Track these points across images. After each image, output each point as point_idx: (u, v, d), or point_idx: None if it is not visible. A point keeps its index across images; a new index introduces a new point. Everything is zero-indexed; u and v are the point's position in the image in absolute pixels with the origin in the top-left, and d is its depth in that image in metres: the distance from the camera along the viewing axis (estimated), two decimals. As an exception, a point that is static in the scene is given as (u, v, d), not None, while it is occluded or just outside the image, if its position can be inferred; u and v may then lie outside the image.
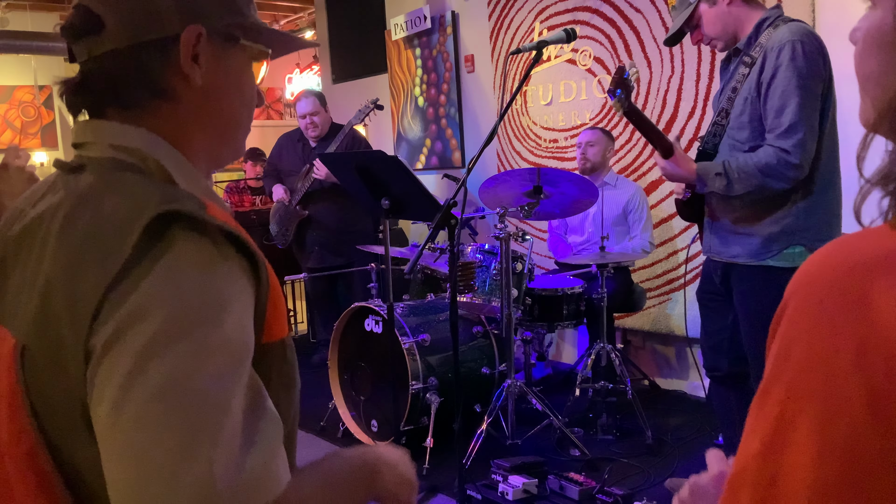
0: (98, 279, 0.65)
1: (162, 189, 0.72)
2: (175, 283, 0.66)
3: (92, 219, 0.69)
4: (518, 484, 2.77)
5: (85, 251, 0.67)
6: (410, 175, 2.72)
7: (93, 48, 0.76)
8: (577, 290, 3.59)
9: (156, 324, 0.64)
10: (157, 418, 0.62)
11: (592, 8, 4.26)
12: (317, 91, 4.53)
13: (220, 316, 0.67)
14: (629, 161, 4.17)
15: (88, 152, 0.77)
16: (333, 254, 4.45)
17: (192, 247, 0.68)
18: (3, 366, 0.70)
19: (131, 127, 0.77)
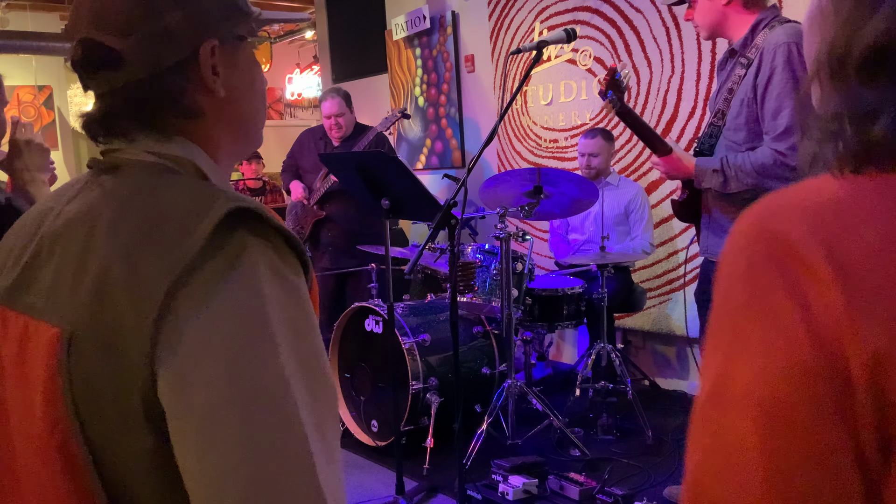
0: (165, 267, 0.65)
1: (221, 189, 0.73)
2: (254, 290, 0.66)
3: (149, 211, 0.70)
4: (518, 484, 2.77)
5: (147, 244, 0.67)
6: (410, 175, 2.72)
7: (113, 81, 0.76)
8: (578, 290, 3.59)
9: (245, 330, 0.64)
10: (252, 436, 0.62)
11: (592, 8, 4.26)
12: (343, 91, 4.47)
13: (307, 320, 0.69)
14: (629, 161, 4.17)
15: (123, 155, 0.78)
16: (347, 255, 4.44)
17: (263, 249, 0.68)
18: (40, 356, 0.69)
19: (163, 137, 0.78)
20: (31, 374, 0.70)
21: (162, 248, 0.66)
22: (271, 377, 0.64)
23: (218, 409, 0.62)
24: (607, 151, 3.87)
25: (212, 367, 0.63)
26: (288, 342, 0.66)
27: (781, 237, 0.51)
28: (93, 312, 0.66)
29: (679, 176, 2.45)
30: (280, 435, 0.63)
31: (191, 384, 0.63)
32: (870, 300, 0.47)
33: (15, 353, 0.72)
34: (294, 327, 0.68)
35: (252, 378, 0.64)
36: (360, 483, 3.09)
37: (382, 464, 3.23)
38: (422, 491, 2.93)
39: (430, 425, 3.17)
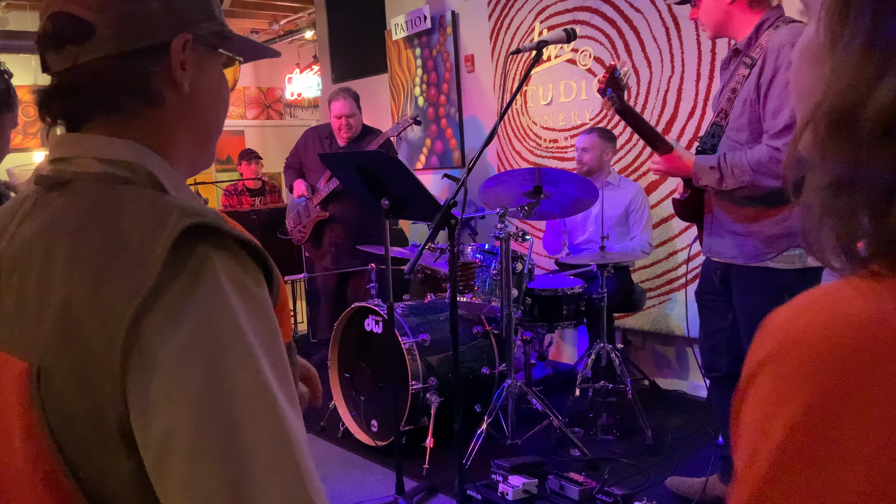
0: (129, 293, 0.63)
1: (176, 202, 0.71)
2: (222, 305, 0.65)
3: (107, 234, 0.68)
4: (518, 484, 2.76)
5: (107, 269, 0.65)
6: (410, 175, 2.72)
7: (80, 55, 0.74)
8: (577, 290, 3.59)
9: (211, 352, 0.64)
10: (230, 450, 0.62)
11: (592, 8, 4.25)
12: (353, 92, 4.47)
13: (273, 336, 0.68)
14: (629, 161, 4.17)
15: (72, 167, 0.75)
16: (349, 255, 4.44)
17: (225, 262, 0.68)
18: (11, 389, 0.67)
19: (117, 139, 0.76)
20: (4, 407, 0.68)
21: (123, 272, 0.65)
22: (250, 391, 0.64)
23: (199, 428, 0.61)
24: (600, 149, 3.85)
25: (188, 386, 0.62)
26: (259, 354, 0.66)
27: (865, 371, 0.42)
28: (59, 344, 0.65)
29: (679, 174, 2.45)
30: (274, 450, 0.63)
31: (164, 408, 0.62)
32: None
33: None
34: (262, 337, 0.67)
35: (230, 393, 0.63)
36: (359, 483, 3.09)
37: (382, 464, 3.23)
38: (422, 491, 2.93)
39: (429, 425, 3.17)
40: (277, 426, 0.64)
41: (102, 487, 0.66)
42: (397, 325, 3.23)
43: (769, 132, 2.23)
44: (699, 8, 2.40)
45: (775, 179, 2.22)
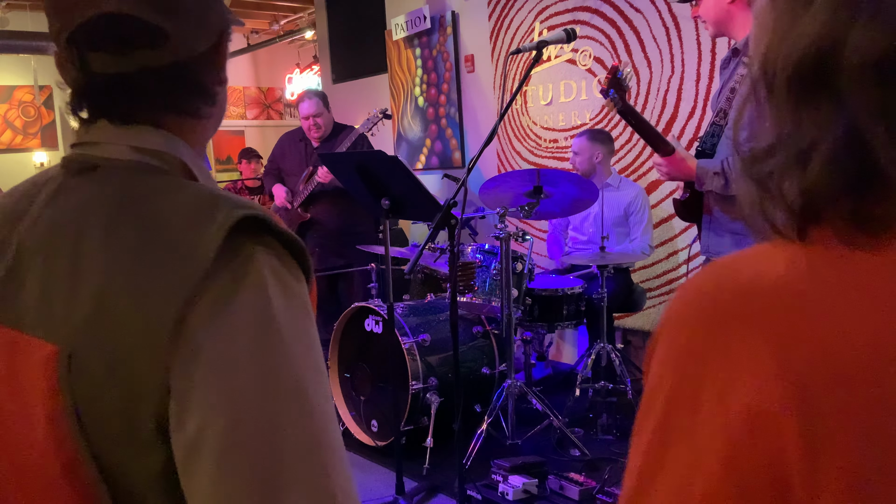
0: (176, 286, 0.62)
1: (222, 193, 0.70)
2: (266, 303, 0.64)
3: (146, 220, 0.66)
4: (518, 484, 2.77)
5: (150, 259, 0.64)
6: (410, 175, 2.72)
7: (150, 60, 0.72)
8: (577, 291, 3.59)
9: (253, 351, 0.63)
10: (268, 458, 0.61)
11: (592, 8, 4.26)
12: (319, 91, 4.52)
13: (313, 335, 0.68)
14: (629, 161, 4.17)
15: (100, 152, 0.73)
16: (335, 255, 4.45)
17: (268, 258, 0.67)
18: (37, 373, 0.65)
19: (152, 128, 0.74)
20: (27, 390, 0.66)
21: (167, 261, 0.64)
22: (291, 387, 0.63)
23: (232, 427, 0.61)
24: (589, 151, 3.82)
25: (227, 384, 0.62)
26: (301, 352, 0.65)
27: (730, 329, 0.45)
28: (94, 330, 0.64)
29: (680, 177, 2.45)
30: (306, 457, 0.62)
31: (201, 403, 0.61)
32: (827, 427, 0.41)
33: (3, 368, 0.68)
34: (303, 336, 0.66)
35: (267, 395, 0.62)
36: (359, 483, 3.09)
37: (382, 464, 3.23)
38: (422, 491, 2.93)
39: (430, 425, 3.17)
40: (312, 432, 0.63)
41: (126, 479, 0.65)
42: (397, 325, 3.23)
43: None
44: (700, 6, 2.41)
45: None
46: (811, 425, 0.41)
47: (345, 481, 0.64)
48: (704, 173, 2.34)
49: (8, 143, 7.65)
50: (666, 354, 0.48)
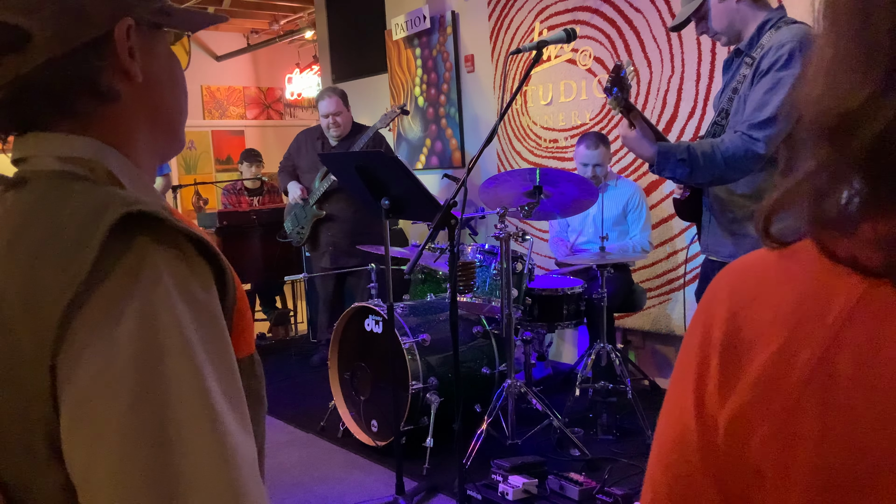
0: (61, 286, 0.59)
1: (120, 193, 0.68)
2: (162, 303, 0.61)
3: (47, 226, 0.64)
4: (518, 484, 2.76)
5: (42, 258, 0.62)
6: (410, 175, 2.72)
7: (21, 65, 0.68)
8: (577, 290, 3.59)
9: (147, 354, 0.59)
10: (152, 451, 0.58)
11: (592, 8, 4.26)
12: (339, 90, 4.47)
13: (221, 345, 0.64)
14: (629, 161, 4.17)
15: (31, 166, 0.71)
16: (346, 255, 4.44)
17: (168, 258, 0.63)
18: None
19: (77, 137, 0.72)
20: None
21: (56, 264, 0.60)
22: (188, 401, 0.59)
23: (127, 439, 0.57)
24: (608, 158, 3.89)
25: (117, 392, 0.58)
26: (203, 361, 0.61)
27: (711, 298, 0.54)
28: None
29: (639, 153, 2.39)
30: (210, 470, 0.58)
31: (91, 414, 0.58)
32: (742, 368, 0.49)
33: None
34: (206, 347, 0.62)
35: (164, 402, 0.58)
36: (359, 483, 3.09)
37: (382, 464, 3.23)
38: (422, 491, 2.93)
39: (429, 425, 3.17)
40: (217, 443, 0.59)
41: (28, 500, 0.62)
42: (397, 325, 3.23)
43: (749, 122, 2.21)
44: (707, 22, 2.42)
45: (744, 174, 2.24)
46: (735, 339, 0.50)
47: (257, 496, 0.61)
48: (666, 159, 2.30)
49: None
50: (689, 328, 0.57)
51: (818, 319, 0.47)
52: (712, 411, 0.50)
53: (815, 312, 0.47)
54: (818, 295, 0.48)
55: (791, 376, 0.46)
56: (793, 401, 0.46)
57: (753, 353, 0.49)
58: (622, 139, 2.41)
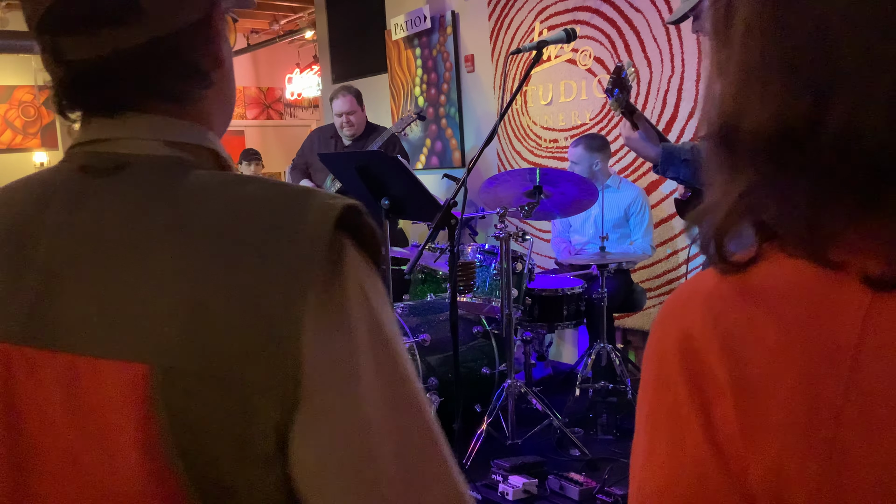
0: (284, 290, 0.56)
1: (293, 185, 0.64)
2: (366, 294, 0.60)
3: (222, 220, 0.59)
4: (518, 484, 2.76)
5: (241, 258, 0.57)
6: (410, 175, 2.72)
7: (121, 40, 0.62)
8: (578, 291, 3.59)
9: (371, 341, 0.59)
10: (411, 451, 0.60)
11: (592, 8, 4.26)
12: (354, 89, 4.45)
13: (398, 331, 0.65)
14: (629, 161, 4.17)
15: (122, 148, 0.64)
16: None
17: (358, 252, 0.62)
18: (121, 398, 0.56)
19: (177, 120, 0.67)
20: (104, 420, 0.56)
21: (266, 261, 0.57)
22: (406, 384, 0.61)
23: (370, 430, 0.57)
24: (588, 160, 3.80)
25: (355, 389, 0.58)
26: (400, 346, 0.62)
27: (685, 333, 0.50)
28: (191, 343, 0.56)
29: (643, 154, 2.38)
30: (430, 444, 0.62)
31: (332, 408, 0.57)
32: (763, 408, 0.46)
33: (63, 399, 0.58)
34: (395, 328, 0.63)
35: (393, 393, 0.59)
36: (359, 483, 3.09)
37: (382, 464, 3.22)
38: (422, 491, 2.92)
39: (430, 425, 3.16)
40: (431, 434, 0.62)
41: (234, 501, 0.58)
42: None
43: None
44: (701, 21, 2.40)
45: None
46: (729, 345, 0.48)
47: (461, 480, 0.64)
48: (670, 159, 2.30)
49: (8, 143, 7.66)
50: (646, 369, 0.54)
51: (830, 342, 0.44)
52: (739, 459, 0.46)
53: (825, 335, 0.45)
54: (821, 314, 0.45)
55: (822, 410, 0.44)
56: (831, 435, 0.43)
57: (772, 390, 0.45)
58: (625, 140, 2.41)
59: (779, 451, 0.45)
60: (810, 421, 0.44)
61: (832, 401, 0.43)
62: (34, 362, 0.59)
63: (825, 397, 0.44)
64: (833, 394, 0.44)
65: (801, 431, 0.44)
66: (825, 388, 0.44)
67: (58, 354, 0.58)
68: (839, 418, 0.43)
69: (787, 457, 0.45)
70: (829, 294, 0.46)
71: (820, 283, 0.46)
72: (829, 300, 0.46)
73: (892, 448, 0.42)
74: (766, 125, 0.47)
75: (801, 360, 0.45)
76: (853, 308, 0.44)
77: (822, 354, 0.44)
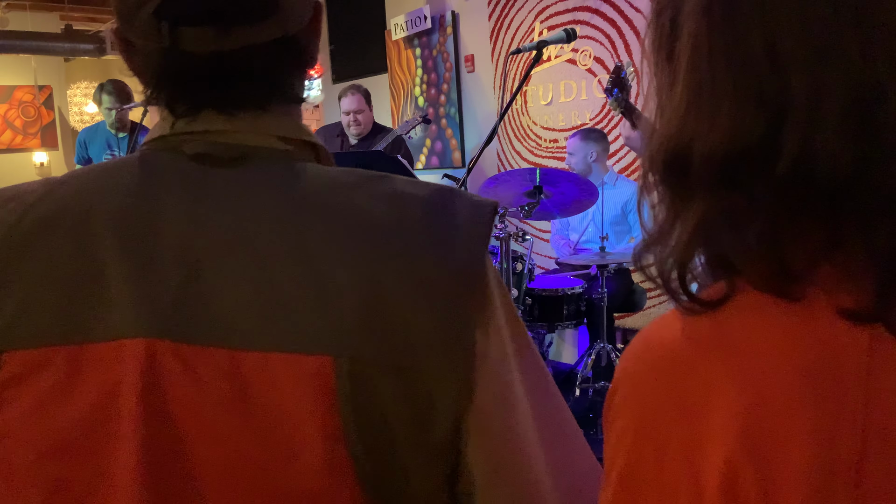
0: (453, 282, 0.56)
1: (423, 180, 0.65)
2: (503, 292, 0.61)
3: (376, 215, 0.58)
4: (518, 484, 2.76)
5: (409, 253, 0.57)
6: (411, 175, 2.72)
7: (253, 36, 0.59)
8: (578, 290, 3.59)
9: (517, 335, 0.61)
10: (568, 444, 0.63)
11: (592, 8, 4.26)
12: (363, 88, 4.47)
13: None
14: (629, 161, 4.17)
15: (240, 140, 0.62)
16: None
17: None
18: (304, 390, 0.54)
19: (285, 116, 0.65)
20: (281, 415, 0.54)
21: (437, 256, 0.57)
22: (541, 367, 0.63)
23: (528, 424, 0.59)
24: (583, 152, 3.82)
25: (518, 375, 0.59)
26: (526, 331, 0.64)
27: (649, 417, 0.48)
28: (371, 334, 0.54)
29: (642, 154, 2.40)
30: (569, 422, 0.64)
31: (506, 399, 0.58)
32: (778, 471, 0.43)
33: (228, 397, 0.54)
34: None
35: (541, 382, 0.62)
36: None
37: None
38: (422, 491, 2.92)
39: (430, 425, 3.16)
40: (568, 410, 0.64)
41: (400, 496, 0.56)
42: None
43: None
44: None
45: None
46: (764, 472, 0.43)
47: None
48: None
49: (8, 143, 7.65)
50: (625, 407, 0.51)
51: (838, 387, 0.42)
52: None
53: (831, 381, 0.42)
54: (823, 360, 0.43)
55: (840, 462, 0.41)
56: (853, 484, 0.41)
57: (785, 451, 0.42)
58: (625, 139, 2.41)
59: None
60: (830, 479, 0.42)
61: (850, 453, 0.41)
62: (187, 359, 0.55)
63: (842, 450, 0.42)
64: (850, 444, 0.41)
65: (821, 492, 0.42)
66: (840, 439, 0.42)
67: (216, 350, 0.55)
68: (859, 472, 0.41)
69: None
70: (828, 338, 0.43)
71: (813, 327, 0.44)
72: (829, 344, 0.43)
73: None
74: (718, 148, 0.45)
75: (811, 414, 0.42)
76: (854, 351, 0.42)
77: (831, 403, 0.42)
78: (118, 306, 0.55)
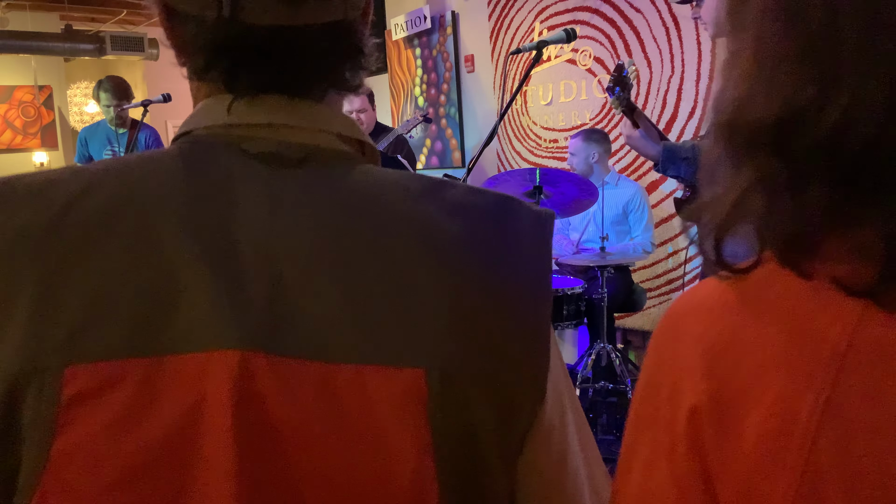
0: (536, 298, 0.58)
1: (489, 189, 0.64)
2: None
3: (445, 222, 0.56)
4: (518, 484, 2.76)
5: (487, 263, 0.56)
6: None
7: (316, 13, 0.55)
8: (578, 291, 3.59)
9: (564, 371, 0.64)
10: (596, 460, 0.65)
11: (592, 8, 4.26)
12: (367, 88, 4.48)
13: None
14: (629, 161, 4.17)
15: (304, 138, 0.58)
16: None
17: None
18: (398, 403, 0.52)
19: (339, 112, 0.62)
20: (376, 428, 0.52)
21: (514, 267, 0.57)
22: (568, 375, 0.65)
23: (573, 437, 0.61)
24: (585, 152, 3.82)
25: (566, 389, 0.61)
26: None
27: (673, 352, 0.50)
28: (460, 346, 0.53)
29: (644, 152, 2.38)
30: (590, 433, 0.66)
31: (562, 414, 0.60)
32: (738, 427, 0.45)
33: (325, 410, 0.52)
34: None
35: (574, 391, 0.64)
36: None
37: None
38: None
39: (430, 425, 3.16)
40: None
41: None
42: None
43: None
44: (701, 7, 2.40)
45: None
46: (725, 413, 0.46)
47: None
48: (672, 157, 2.29)
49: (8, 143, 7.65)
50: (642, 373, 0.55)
51: (813, 358, 0.43)
52: (714, 479, 0.46)
53: (809, 350, 0.43)
54: (807, 329, 0.44)
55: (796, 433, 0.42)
56: (803, 460, 0.42)
57: (749, 408, 0.44)
58: (626, 139, 2.40)
59: (749, 473, 0.44)
60: (784, 444, 0.43)
61: (808, 424, 0.42)
62: (281, 371, 0.51)
63: (801, 419, 0.42)
64: (809, 415, 0.42)
65: (772, 454, 0.43)
66: (802, 408, 0.42)
67: (310, 363, 0.52)
68: (814, 444, 0.42)
69: (757, 480, 0.43)
70: (817, 309, 0.44)
71: (808, 297, 0.45)
72: (817, 315, 0.44)
73: (869, 480, 0.40)
74: (767, 116, 0.46)
75: (781, 378, 0.44)
76: (840, 324, 0.43)
77: (802, 373, 0.43)
78: (200, 315, 0.50)
